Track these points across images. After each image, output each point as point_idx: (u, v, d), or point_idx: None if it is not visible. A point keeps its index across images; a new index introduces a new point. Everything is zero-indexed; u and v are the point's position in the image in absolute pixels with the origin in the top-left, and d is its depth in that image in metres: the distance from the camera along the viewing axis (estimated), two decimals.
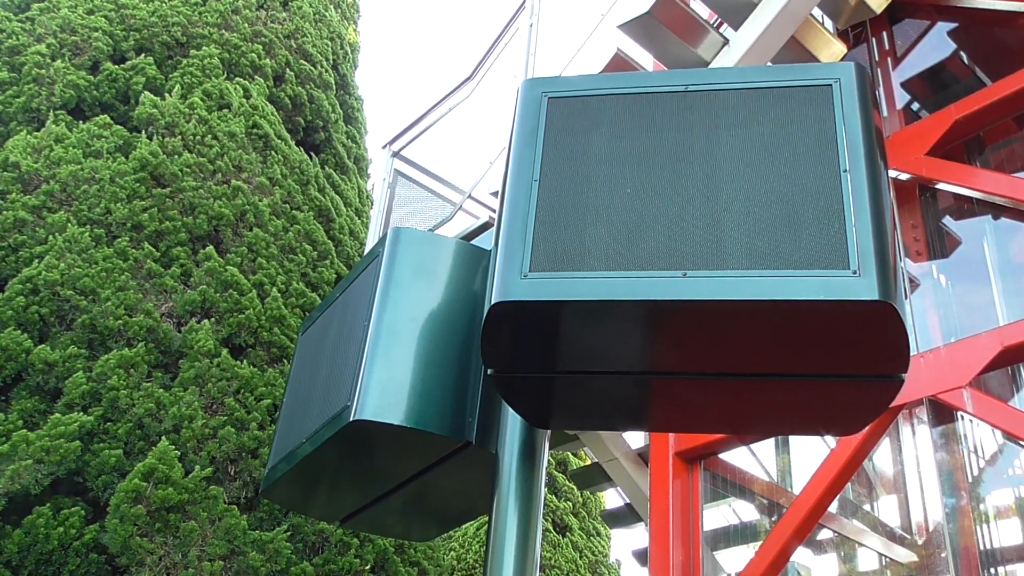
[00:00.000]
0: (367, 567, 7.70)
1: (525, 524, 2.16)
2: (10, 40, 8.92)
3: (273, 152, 9.28)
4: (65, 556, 6.29)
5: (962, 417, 5.20)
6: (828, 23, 6.88)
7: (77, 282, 7.30)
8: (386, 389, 2.31)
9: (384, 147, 7.49)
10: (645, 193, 1.95)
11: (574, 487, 13.45)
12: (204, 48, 9.58)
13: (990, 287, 5.49)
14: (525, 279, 1.89)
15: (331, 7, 11.88)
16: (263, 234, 8.53)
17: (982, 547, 4.88)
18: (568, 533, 13.00)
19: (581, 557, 12.85)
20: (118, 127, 8.57)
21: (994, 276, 5.53)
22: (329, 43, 11.37)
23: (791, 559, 5.45)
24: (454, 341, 2.44)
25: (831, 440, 5.46)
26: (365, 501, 2.77)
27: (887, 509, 5.79)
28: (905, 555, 5.52)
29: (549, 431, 2.34)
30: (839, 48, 6.17)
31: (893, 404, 4.27)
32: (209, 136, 8.78)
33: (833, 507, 5.58)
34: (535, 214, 1.97)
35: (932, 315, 5.70)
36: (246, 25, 10.16)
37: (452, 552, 12.36)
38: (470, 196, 7.21)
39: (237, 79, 9.64)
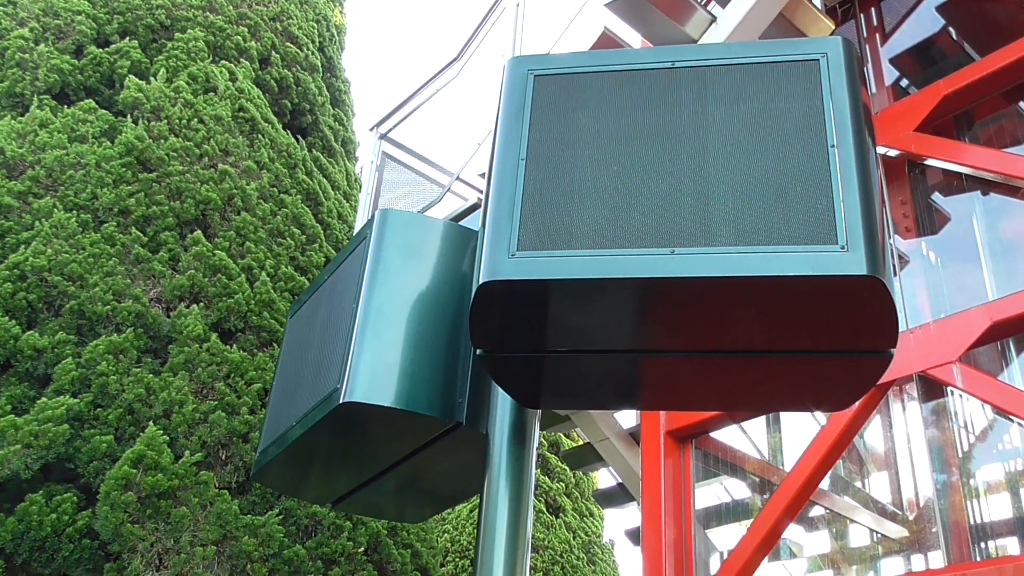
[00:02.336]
0: (360, 550, 7.72)
1: (516, 504, 2.15)
2: None
3: (260, 135, 9.22)
4: (58, 542, 6.29)
5: (952, 392, 5.22)
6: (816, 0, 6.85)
7: (64, 268, 7.26)
8: (375, 371, 2.30)
9: (372, 129, 7.44)
10: (632, 171, 1.94)
11: (566, 468, 13.51)
12: (189, 31, 9.49)
13: (979, 263, 5.50)
14: (513, 258, 1.88)
15: None
16: (251, 218, 8.49)
17: (972, 522, 4.91)
18: (561, 514, 13.05)
19: (575, 537, 12.91)
20: (103, 111, 8.50)
21: (983, 252, 5.54)
22: (315, 25, 11.29)
23: (783, 536, 5.48)
24: (443, 322, 2.43)
25: (821, 417, 5.48)
26: (357, 483, 2.76)
27: (878, 485, 5.83)
28: (896, 531, 5.55)
29: (539, 411, 2.34)
30: (827, 24, 6.15)
31: (883, 380, 4.28)
32: (195, 120, 8.72)
33: (824, 484, 5.60)
34: (522, 193, 1.96)
35: (921, 291, 5.71)
36: (231, 7, 10.07)
37: (446, 534, 12.40)
38: (458, 178, 7.18)
39: (222, 62, 9.57)
